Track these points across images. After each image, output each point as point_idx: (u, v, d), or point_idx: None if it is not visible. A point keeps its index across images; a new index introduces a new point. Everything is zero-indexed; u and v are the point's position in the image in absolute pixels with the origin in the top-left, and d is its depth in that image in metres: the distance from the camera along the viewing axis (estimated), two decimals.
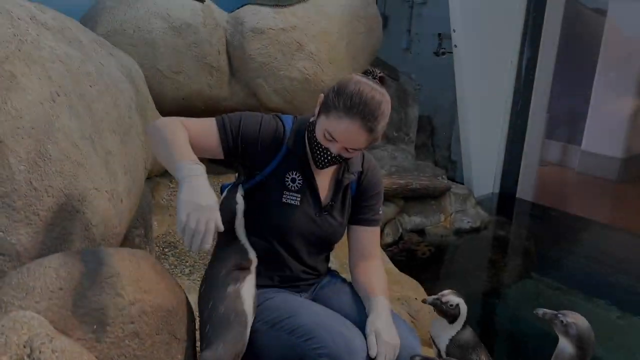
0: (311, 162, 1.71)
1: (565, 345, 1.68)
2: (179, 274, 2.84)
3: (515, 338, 3.60)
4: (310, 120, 1.71)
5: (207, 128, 1.65)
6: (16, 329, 1.22)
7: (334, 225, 1.78)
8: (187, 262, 2.97)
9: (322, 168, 1.69)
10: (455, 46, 5.03)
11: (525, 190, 5.89)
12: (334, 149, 1.61)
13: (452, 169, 6.39)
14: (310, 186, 1.73)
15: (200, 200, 1.33)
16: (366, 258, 1.83)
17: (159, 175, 3.41)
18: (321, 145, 1.62)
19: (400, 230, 4.75)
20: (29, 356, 1.18)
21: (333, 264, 2.08)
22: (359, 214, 1.84)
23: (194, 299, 1.76)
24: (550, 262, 4.70)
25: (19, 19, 1.74)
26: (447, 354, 1.86)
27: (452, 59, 5.27)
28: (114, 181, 1.94)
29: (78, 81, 1.86)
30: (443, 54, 5.64)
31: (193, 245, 1.31)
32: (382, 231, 4.56)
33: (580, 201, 6.28)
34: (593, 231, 5.50)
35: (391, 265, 3.10)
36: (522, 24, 5.41)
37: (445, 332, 1.86)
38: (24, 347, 1.19)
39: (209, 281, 1.65)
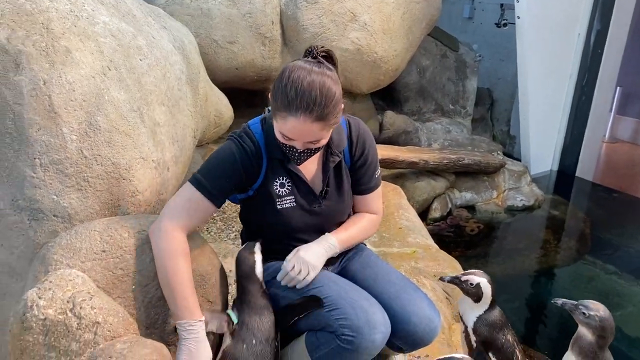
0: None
1: (584, 332, 1.68)
2: (225, 238, 2.98)
3: (562, 320, 3.54)
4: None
5: (195, 204, 1.62)
6: (62, 285, 1.36)
7: (335, 208, 1.80)
8: (233, 227, 3.11)
9: (299, 164, 1.68)
10: (519, 17, 4.83)
11: (586, 169, 5.66)
12: (298, 145, 1.58)
13: (511, 144, 6.21)
14: (299, 182, 1.72)
15: None
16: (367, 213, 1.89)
17: (212, 143, 3.54)
18: (286, 145, 1.59)
19: (450, 205, 4.71)
20: (71, 310, 1.32)
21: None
22: (360, 185, 1.84)
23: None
24: (606, 246, 4.52)
25: None
26: (474, 332, 1.88)
27: (514, 29, 5.07)
28: (161, 151, 2.05)
29: (128, 55, 1.97)
30: (505, 25, 5.43)
31: None
32: (430, 205, 4.55)
33: None
34: None
35: (430, 241, 3.11)
36: None
37: (472, 311, 1.87)
38: (68, 302, 1.33)
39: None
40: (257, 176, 1.70)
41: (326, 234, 1.78)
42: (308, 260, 1.66)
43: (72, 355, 1.31)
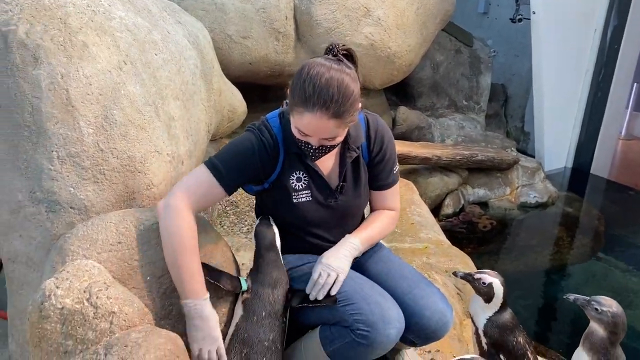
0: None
1: (596, 328, 1.68)
2: (238, 232, 3.01)
3: (574, 318, 3.53)
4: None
5: (207, 188, 1.63)
6: (79, 275, 1.39)
7: (351, 203, 1.80)
8: (246, 221, 3.13)
9: (316, 160, 1.68)
10: (534, 13, 4.79)
11: (601, 166, 5.61)
12: (313, 141, 1.58)
13: (525, 140, 6.17)
14: (316, 177, 1.73)
15: (205, 340, 1.55)
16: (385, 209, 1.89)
17: (225, 137, 3.57)
18: (302, 140, 1.60)
19: (462, 201, 4.71)
20: (87, 300, 1.34)
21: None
22: (377, 180, 1.84)
23: (249, 256, 1.87)
24: (620, 244, 4.49)
25: None
26: (485, 334, 1.87)
27: (529, 25, 5.03)
28: (175, 145, 2.07)
29: (144, 50, 1.99)
30: (520, 20, 5.38)
31: None
32: (442, 201, 4.54)
33: None
34: None
35: (442, 237, 3.11)
36: None
37: (483, 312, 1.85)
38: (84, 292, 1.36)
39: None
40: (273, 169, 1.70)
41: (347, 235, 1.78)
42: (333, 265, 1.67)
43: (88, 343, 1.34)
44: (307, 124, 1.52)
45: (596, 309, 1.66)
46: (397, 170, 1.87)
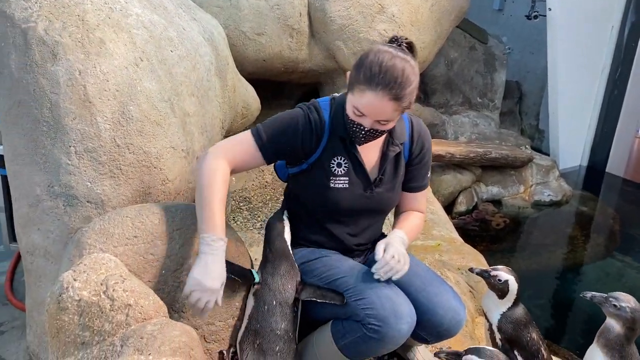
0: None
1: (613, 325, 1.67)
2: (251, 228, 3.03)
3: (587, 317, 3.51)
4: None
5: (247, 150, 1.68)
6: (96, 268, 1.41)
7: (385, 198, 1.82)
8: (259, 217, 3.15)
9: (361, 144, 1.71)
10: (550, 9, 4.74)
11: (617, 164, 5.55)
12: (366, 123, 1.60)
13: (540, 138, 6.12)
14: (357, 165, 1.74)
15: (206, 282, 1.50)
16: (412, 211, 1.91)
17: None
18: (354, 122, 1.62)
19: (475, 199, 4.68)
20: (104, 292, 1.37)
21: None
22: (412, 182, 1.87)
23: (261, 251, 1.89)
24: (636, 243, 4.45)
25: None
26: (499, 329, 1.87)
27: (545, 22, 4.98)
28: (190, 140, 2.10)
29: (160, 46, 2.01)
30: (535, 17, 5.33)
31: (192, 312, 1.56)
32: (455, 199, 4.53)
33: None
34: None
35: (455, 234, 3.11)
36: None
37: (497, 308, 1.86)
38: (101, 284, 1.38)
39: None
40: (315, 149, 1.72)
41: (394, 229, 1.80)
42: (402, 251, 1.68)
43: (105, 335, 1.37)
44: (367, 103, 1.55)
45: (615, 305, 1.65)
46: (429, 175, 1.90)
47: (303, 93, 4.56)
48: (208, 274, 1.50)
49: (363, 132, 1.63)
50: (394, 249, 1.65)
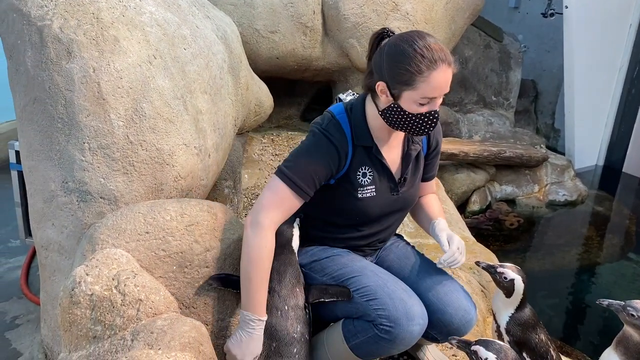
0: (377, 145, 1.71)
1: (632, 333, 1.64)
2: None
3: (601, 319, 3.47)
4: (382, 109, 1.65)
5: (289, 203, 1.66)
6: (108, 263, 1.43)
7: (409, 196, 1.83)
8: None
9: (431, 132, 1.68)
10: (566, 7, 4.69)
11: (633, 164, 5.47)
12: (438, 104, 1.61)
13: (555, 137, 6.06)
14: (381, 170, 1.74)
15: (237, 355, 1.61)
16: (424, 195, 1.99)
17: (252, 131, 3.60)
18: (423, 113, 1.59)
19: (489, 198, 4.65)
20: (116, 287, 1.39)
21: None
22: (427, 172, 1.91)
23: None
24: None
25: None
26: (507, 331, 1.86)
27: (562, 20, 4.93)
28: (203, 138, 2.11)
29: (173, 44, 2.02)
30: (552, 15, 5.27)
31: None
32: (468, 198, 4.50)
33: None
34: None
35: (468, 233, 3.09)
36: None
37: (505, 309, 1.85)
38: (113, 279, 1.40)
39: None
40: (343, 167, 1.71)
41: (438, 218, 1.86)
42: (462, 243, 1.76)
43: (116, 329, 1.39)
44: (437, 83, 1.55)
45: (632, 315, 1.63)
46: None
47: (316, 91, 4.56)
48: (241, 349, 1.60)
49: (436, 117, 1.62)
50: (458, 241, 1.74)
